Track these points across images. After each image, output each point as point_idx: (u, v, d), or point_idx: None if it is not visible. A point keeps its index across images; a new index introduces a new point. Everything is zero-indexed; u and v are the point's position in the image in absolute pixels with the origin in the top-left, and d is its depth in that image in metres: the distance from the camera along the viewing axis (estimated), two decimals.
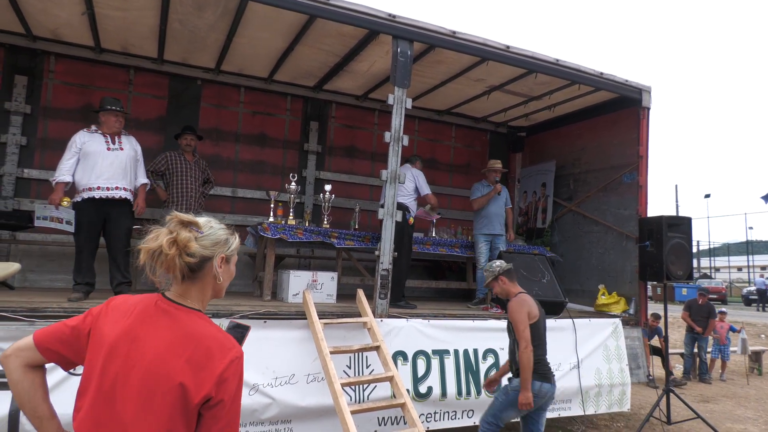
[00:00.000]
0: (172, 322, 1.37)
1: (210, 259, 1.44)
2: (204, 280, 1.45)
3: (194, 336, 1.36)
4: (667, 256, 5.51)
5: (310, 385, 4.01)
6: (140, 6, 4.74)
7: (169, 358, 1.31)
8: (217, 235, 1.47)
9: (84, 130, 4.58)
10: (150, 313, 1.38)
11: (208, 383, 1.30)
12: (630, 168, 6.30)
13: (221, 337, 1.39)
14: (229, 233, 1.52)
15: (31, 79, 5.81)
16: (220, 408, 1.32)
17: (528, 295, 3.75)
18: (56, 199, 4.37)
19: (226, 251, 1.48)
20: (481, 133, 8.38)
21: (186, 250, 1.37)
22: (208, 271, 1.44)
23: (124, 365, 1.31)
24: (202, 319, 1.42)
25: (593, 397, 5.29)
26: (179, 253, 1.37)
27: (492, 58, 5.26)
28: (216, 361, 1.33)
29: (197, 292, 1.44)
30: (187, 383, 1.29)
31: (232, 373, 1.34)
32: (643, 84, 6.07)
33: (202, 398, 1.30)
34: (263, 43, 5.50)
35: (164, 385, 1.29)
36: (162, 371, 1.30)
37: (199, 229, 1.43)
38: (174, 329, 1.36)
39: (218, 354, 1.34)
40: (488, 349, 4.83)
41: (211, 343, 1.35)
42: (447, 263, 7.68)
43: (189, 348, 1.33)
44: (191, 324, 1.38)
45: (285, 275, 5.11)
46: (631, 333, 5.81)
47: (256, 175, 6.89)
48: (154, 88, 6.38)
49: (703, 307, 9.14)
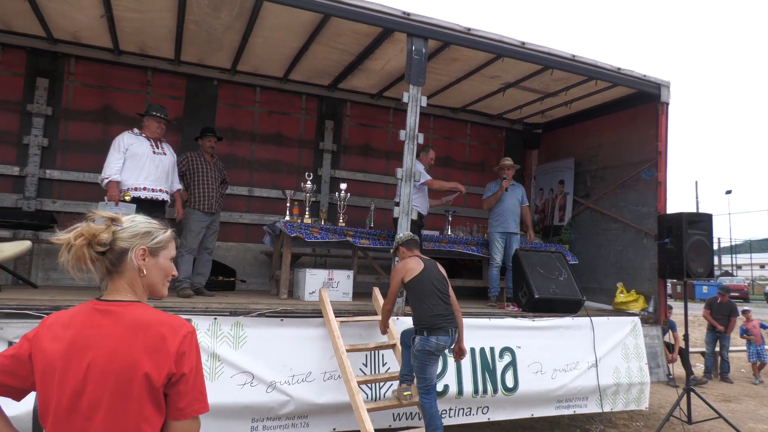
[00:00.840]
0: (114, 319, 1.35)
1: (128, 251, 1.41)
2: (129, 274, 1.42)
3: (141, 325, 1.35)
4: (688, 253, 5.42)
5: (327, 383, 4.03)
6: (157, 7, 4.81)
7: (124, 353, 1.30)
8: (138, 227, 1.44)
9: (128, 132, 4.82)
10: (90, 318, 1.36)
11: (167, 363, 1.31)
12: (648, 164, 6.21)
13: (168, 319, 1.38)
14: (155, 227, 1.48)
15: (52, 82, 5.92)
16: (184, 383, 1.33)
17: (416, 258, 3.94)
18: (116, 197, 4.52)
19: (148, 243, 1.44)
20: (496, 131, 8.33)
21: (95, 240, 1.35)
22: (130, 265, 1.42)
23: (78, 376, 1.29)
24: (142, 308, 1.40)
25: (611, 395, 5.25)
26: (87, 243, 1.34)
27: (507, 54, 5.22)
28: (169, 340, 1.33)
29: (128, 287, 1.42)
30: (148, 371, 1.29)
31: (187, 346, 1.35)
32: (661, 79, 5.98)
33: (165, 378, 1.30)
34: (278, 43, 5.53)
35: (126, 380, 1.29)
36: (120, 367, 1.29)
37: (118, 222, 1.41)
38: (119, 325, 1.34)
39: (170, 334, 1.34)
40: (505, 347, 4.81)
41: (159, 327, 1.35)
42: (463, 261, 7.65)
43: (139, 337, 1.32)
44: (133, 315, 1.37)
45: (301, 274, 5.14)
46: (650, 331, 5.74)
47: (271, 174, 6.94)
48: (171, 88, 6.46)
49: (724, 305, 8.98)
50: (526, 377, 4.80)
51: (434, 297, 3.76)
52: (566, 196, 7.51)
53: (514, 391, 4.72)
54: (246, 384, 3.76)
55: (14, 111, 5.81)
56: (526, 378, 4.80)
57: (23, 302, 3.54)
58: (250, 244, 6.69)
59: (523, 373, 4.80)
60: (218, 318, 3.84)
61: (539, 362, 4.90)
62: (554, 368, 4.96)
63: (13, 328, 3.36)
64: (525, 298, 5.45)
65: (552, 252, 6.13)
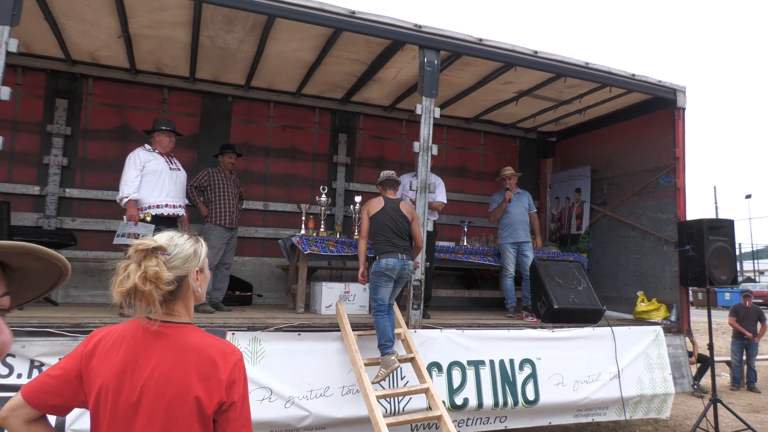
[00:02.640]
0: (167, 341, 1.39)
1: (186, 277, 1.44)
2: (185, 296, 1.45)
3: (193, 349, 1.38)
4: (710, 260, 5.32)
5: (345, 397, 4.00)
6: (172, 23, 4.87)
7: (176, 376, 1.34)
8: (185, 250, 1.45)
9: (141, 149, 4.73)
10: (142, 339, 1.39)
11: (219, 391, 1.35)
12: (666, 170, 6.13)
13: (219, 345, 1.42)
14: (194, 242, 1.49)
15: (71, 102, 6.03)
16: (233, 410, 1.37)
17: (381, 197, 4.42)
18: (136, 216, 4.47)
19: (198, 263, 1.47)
20: (510, 140, 8.30)
21: (160, 281, 1.34)
22: (186, 288, 1.45)
23: (132, 398, 1.33)
24: (195, 332, 1.44)
25: (633, 406, 5.14)
26: (155, 286, 1.34)
27: (520, 63, 5.21)
28: (220, 367, 1.37)
29: (182, 308, 1.45)
30: (200, 395, 1.33)
31: (237, 375, 1.39)
32: (677, 84, 5.91)
33: (216, 405, 1.35)
34: (291, 57, 5.58)
35: (179, 404, 1.32)
36: (173, 391, 1.33)
37: (164, 251, 1.39)
38: (171, 348, 1.38)
39: (221, 361, 1.38)
40: (525, 359, 4.74)
41: (211, 351, 1.39)
42: (479, 272, 7.59)
43: (192, 362, 1.36)
44: (186, 338, 1.40)
45: (317, 287, 5.13)
46: (673, 341, 5.62)
47: (286, 188, 6.97)
48: (187, 106, 6.55)
49: (751, 310, 8.72)
50: (548, 389, 4.73)
51: (388, 230, 4.27)
52: (583, 204, 7.43)
53: (535, 403, 4.65)
54: (264, 399, 3.75)
55: (35, 132, 5.93)
56: (548, 390, 4.72)
57: (44, 320, 3.58)
58: (266, 258, 6.72)
59: (544, 385, 4.72)
60: (236, 333, 3.84)
61: (560, 374, 4.82)
62: (576, 380, 4.88)
63: (35, 346, 3.39)
64: (544, 308, 5.37)
65: (570, 261, 6.06)
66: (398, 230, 4.27)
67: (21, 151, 5.86)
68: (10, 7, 3.54)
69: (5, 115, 5.68)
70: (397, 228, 4.27)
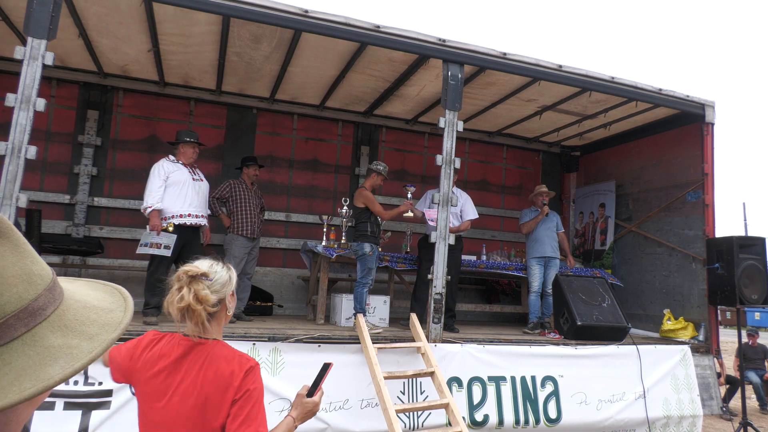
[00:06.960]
0: (197, 355, 1.61)
1: (224, 299, 1.66)
2: (220, 315, 1.67)
3: (217, 360, 1.61)
4: (740, 279, 5.18)
5: (364, 411, 3.98)
6: (200, 41, 5.00)
7: (200, 383, 1.56)
8: (222, 276, 1.66)
9: (165, 160, 4.81)
10: (179, 352, 1.61)
11: (232, 390, 1.55)
12: (694, 186, 6.01)
13: (240, 356, 1.64)
14: (228, 270, 1.70)
15: (102, 114, 6.20)
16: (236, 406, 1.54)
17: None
18: (158, 225, 4.54)
19: (232, 287, 1.69)
20: (533, 154, 8.24)
21: (207, 304, 1.59)
22: (222, 308, 1.67)
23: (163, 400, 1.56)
24: (224, 347, 1.65)
25: (660, 428, 4.99)
26: (204, 308, 1.58)
27: (544, 78, 5.19)
28: (236, 371, 1.59)
29: (215, 326, 1.67)
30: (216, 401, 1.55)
31: (251, 377, 1.59)
32: (706, 99, 5.81)
33: (230, 403, 1.55)
34: (316, 72, 5.65)
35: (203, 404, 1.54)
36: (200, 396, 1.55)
37: (207, 277, 1.61)
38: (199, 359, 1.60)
39: (237, 368, 1.59)
40: (547, 377, 4.66)
41: (231, 360, 1.61)
42: (501, 286, 7.51)
43: (211, 372, 1.58)
44: (212, 351, 1.62)
45: (338, 299, 5.14)
46: (701, 361, 5.47)
47: (308, 199, 7.03)
48: (213, 118, 6.67)
49: (757, 349, 8.34)
50: (570, 408, 4.63)
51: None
52: (607, 219, 7.32)
53: (557, 422, 4.55)
54: (284, 410, 3.74)
55: (66, 142, 6.10)
56: (570, 408, 4.63)
57: None
58: (288, 269, 6.76)
59: (567, 403, 4.63)
60: (257, 344, 3.86)
61: (583, 392, 4.72)
62: (599, 399, 4.77)
63: None
64: (567, 324, 5.28)
65: (594, 277, 5.95)
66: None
67: (53, 160, 6.03)
68: (46, 23, 3.67)
69: (39, 125, 5.85)
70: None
